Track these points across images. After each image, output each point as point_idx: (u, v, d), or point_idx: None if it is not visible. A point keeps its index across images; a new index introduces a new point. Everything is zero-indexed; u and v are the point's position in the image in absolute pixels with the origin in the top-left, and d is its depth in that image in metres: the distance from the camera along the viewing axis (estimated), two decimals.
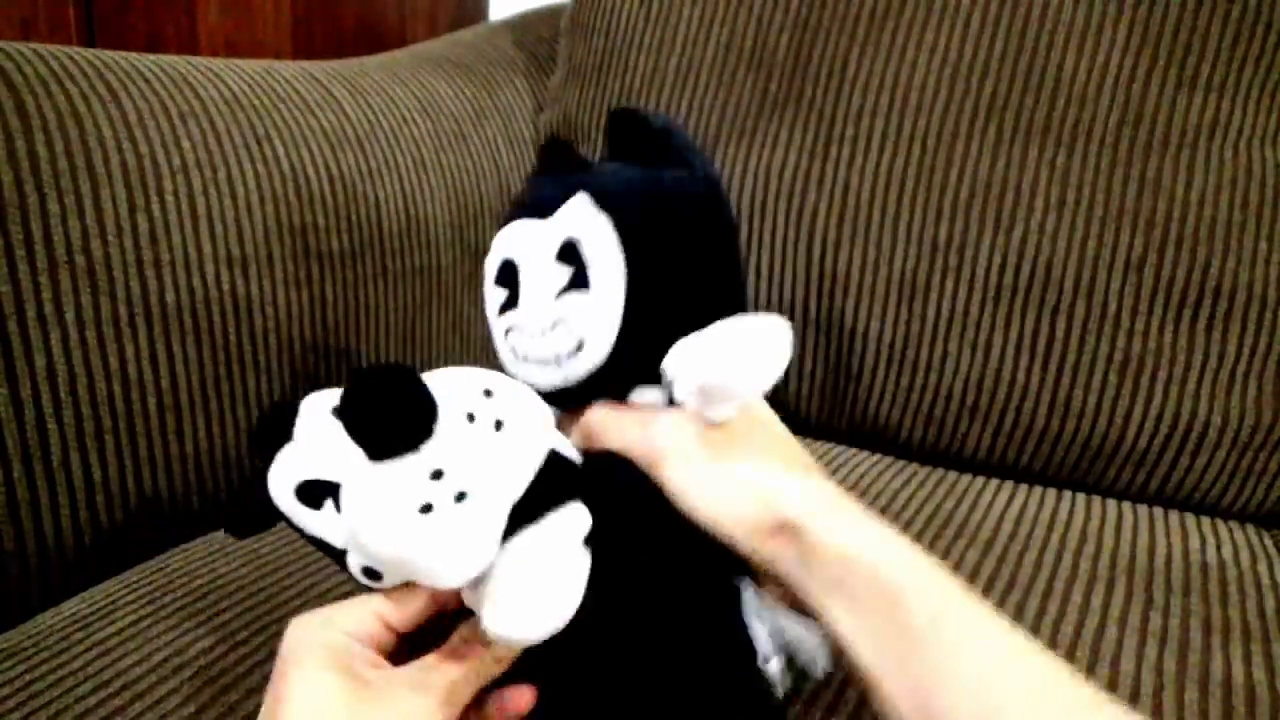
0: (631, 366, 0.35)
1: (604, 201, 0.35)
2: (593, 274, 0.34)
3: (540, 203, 0.37)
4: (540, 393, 0.36)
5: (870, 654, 0.29)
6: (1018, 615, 0.47)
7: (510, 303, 0.36)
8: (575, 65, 0.83)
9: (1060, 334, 0.64)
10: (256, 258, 0.60)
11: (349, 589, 0.48)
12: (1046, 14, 0.66)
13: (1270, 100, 0.63)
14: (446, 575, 0.30)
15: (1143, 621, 0.47)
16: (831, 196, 0.70)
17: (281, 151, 0.63)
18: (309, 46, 1.16)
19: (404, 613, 0.32)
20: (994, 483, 0.65)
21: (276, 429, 0.34)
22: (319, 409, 0.33)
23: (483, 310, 0.39)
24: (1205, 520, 0.61)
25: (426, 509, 0.29)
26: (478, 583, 0.31)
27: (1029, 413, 0.65)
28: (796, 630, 0.36)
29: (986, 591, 0.49)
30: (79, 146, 0.52)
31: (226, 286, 0.58)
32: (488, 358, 0.82)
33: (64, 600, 0.49)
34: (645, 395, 0.37)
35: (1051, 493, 0.64)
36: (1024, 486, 0.65)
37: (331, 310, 0.65)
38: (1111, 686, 0.42)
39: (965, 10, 0.68)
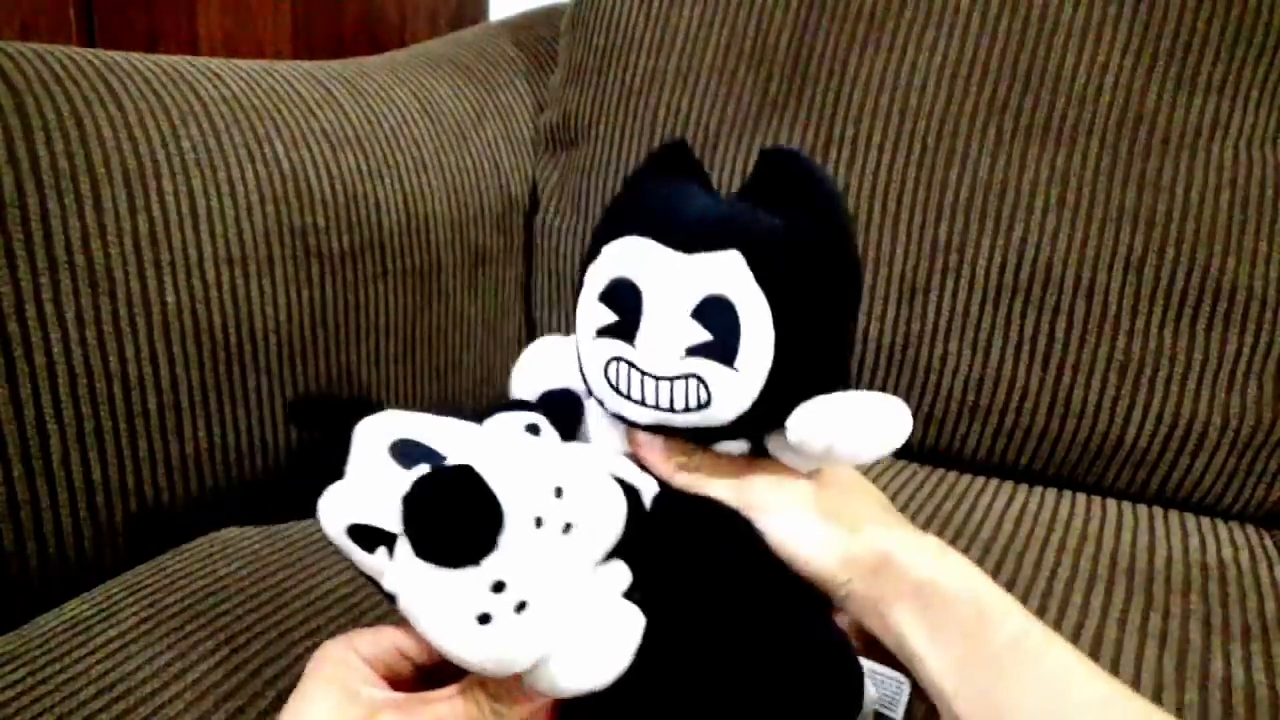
0: (746, 430, 0.35)
1: (758, 266, 0.32)
2: (742, 350, 0.32)
3: (674, 228, 0.34)
4: (624, 419, 0.35)
5: (957, 683, 0.31)
6: None
7: (620, 332, 0.33)
8: (575, 65, 0.83)
9: (1060, 334, 0.64)
10: (256, 258, 0.60)
11: (348, 591, 0.48)
12: (1046, 14, 0.66)
13: (1270, 100, 0.63)
14: (501, 674, 0.29)
15: (1143, 621, 0.47)
16: None
17: (281, 151, 0.63)
18: (309, 46, 1.16)
19: (419, 648, 0.32)
20: (994, 483, 0.65)
21: (327, 456, 0.33)
22: (372, 443, 0.32)
23: (483, 311, 0.39)
24: (1205, 520, 0.61)
25: (484, 619, 0.28)
26: None
27: (1029, 413, 0.65)
28: (876, 668, 0.37)
29: None
30: (79, 147, 0.52)
31: (226, 286, 0.58)
32: (488, 357, 0.82)
33: (64, 601, 0.49)
34: (728, 444, 0.37)
35: (1051, 493, 0.64)
36: (1024, 486, 0.65)
37: (331, 310, 0.65)
38: None
39: (965, 10, 0.68)
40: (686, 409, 0.33)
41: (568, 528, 0.30)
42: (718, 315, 0.32)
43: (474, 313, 0.79)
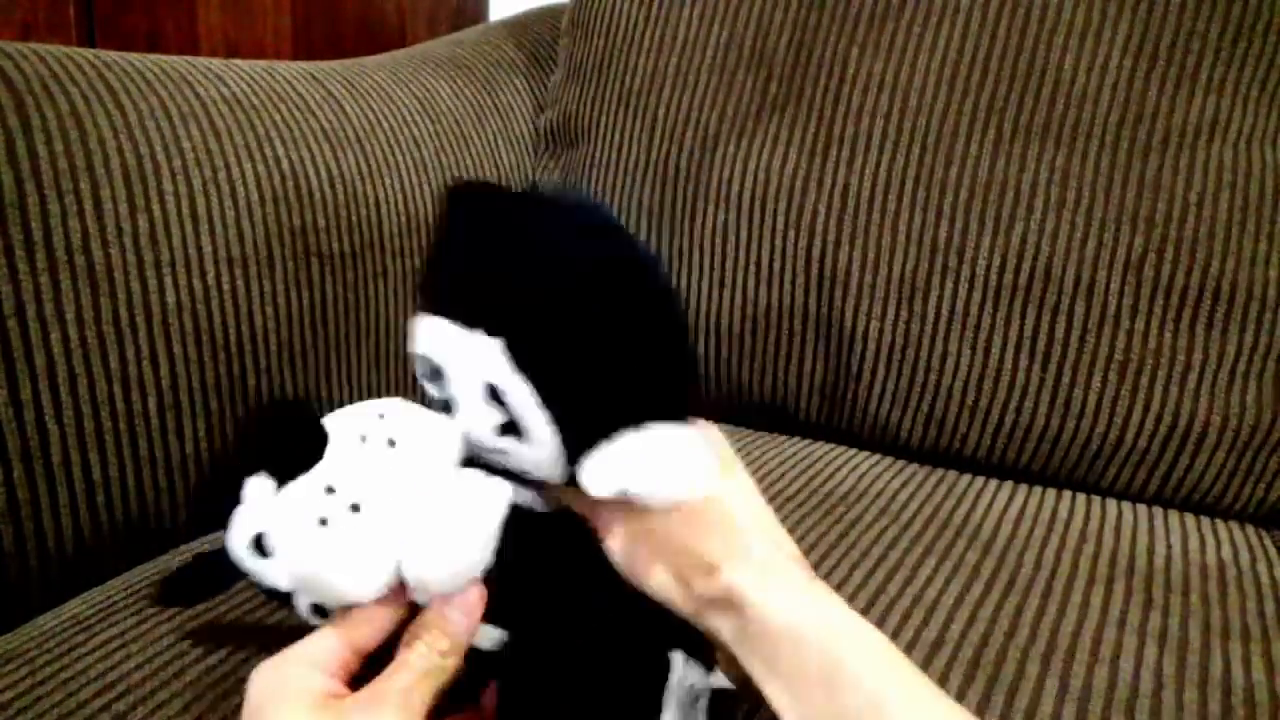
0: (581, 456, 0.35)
1: (516, 352, 0.32)
2: (525, 430, 0.33)
3: (454, 303, 0.34)
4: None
5: None
6: (1017, 615, 0.47)
7: (447, 408, 0.35)
8: (575, 65, 0.83)
9: (1060, 334, 0.64)
10: (256, 258, 0.60)
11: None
12: (1046, 14, 0.66)
13: (1270, 100, 0.63)
14: (353, 583, 0.32)
15: (1142, 621, 0.47)
16: (831, 196, 0.70)
17: (281, 151, 0.63)
18: (309, 46, 1.16)
19: (366, 632, 0.32)
20: (994, 483, 0.65)
21: (226, 499, 0.36)
22: (264, 478, 0.35)
23: None
24: (1205, 520, 0.61)
25: (323, 522, 0.31)
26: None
27: (1029, 413, 0.65)
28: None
29: (987, 591, 0.49)
30: (79, 146, 0.52)
31: (226, 286, 0.58)
32: None
33: (64, 601, 0.49)
34: None
35: (1051, 493, 0.64)
36: (1024, 486, 0.65)
37: (331, 310, 0.65)
38: (1111, 686, 0.42)
39: (965, 10, 0.68)
40: (517, 471, 0.35)
41: (391, 443, 0.33)
42: (502, 399, 0.33)
43: None
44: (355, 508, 0.31)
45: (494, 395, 0.33)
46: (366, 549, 0.31)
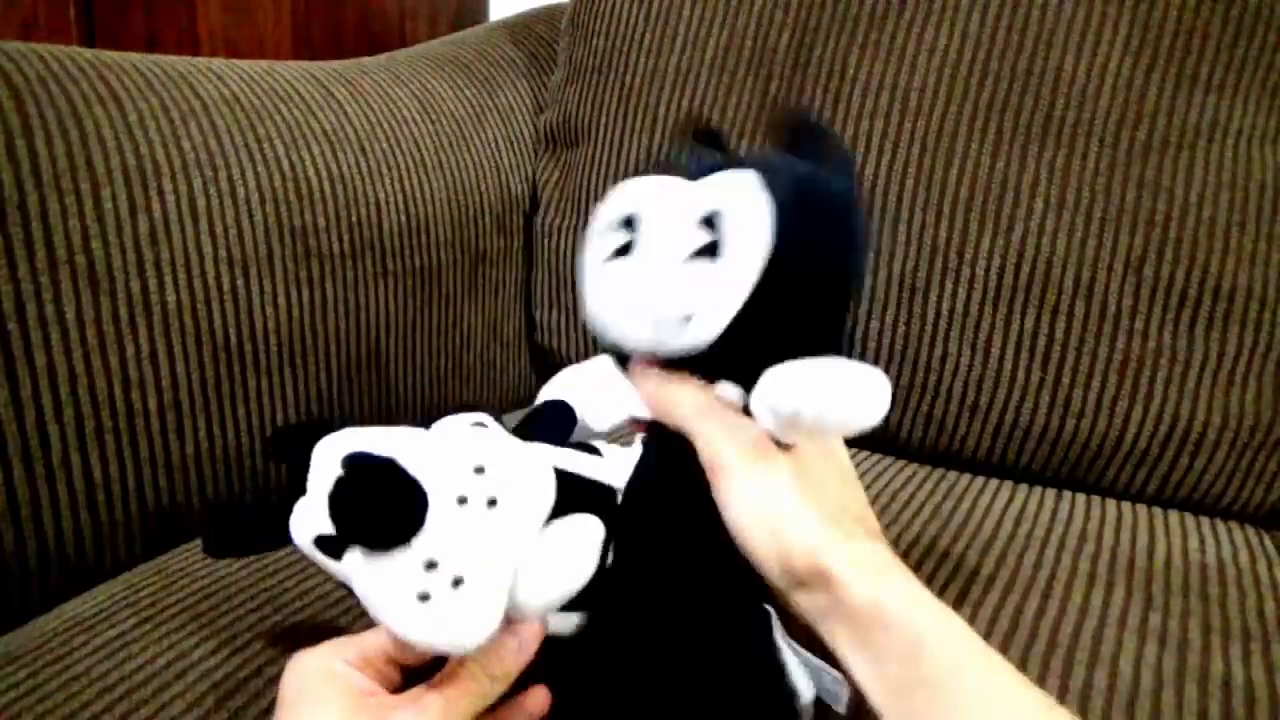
0: (730, 361, 0.34)
1: (773, 186, 0.32)
2: (730, 250, 0.31)
3: (688, 168, 0.35)
4: (625, 349, 0.35)
5: (889, 704, 0.30)
6: (1017, 615, 0.47)
7: (624, 250, 0.33)
8: (575, 65, 0.83)
9: (1060, 334, 0.64)
10: (256, 258, 0.60)
11: (346, 591, 0.48)
12: (1046, 14, 0.66)
13: (1270, 100, 0.63)
14: (452, 651, 0.30)
15: (1142, 621, 0.47)
16: None
17: (281, 151, 0.63)
18: (309, 46, 1.16)
19: (401, 645, 0.32)
20: (994, 483, 0.65)
21: (294, 462, 0.35)
22: (328, 458, 0.34)
23: (483, 311, 0.39)
24: (1205, 520, 0.61)
25: (424, 598, 0.29)
26: None
27: (1029, 413, 0.65)
28: (818, 665, 0.37)
29: (986, 591, 0.49)
30: (79, 146, 0.52)
31: (226, 286, 0.58)
32: (488, 357, 0.82)
33: (64, 601, 0.49)
34: (727, 390, 0.35)
35: (1051, 493, 0.64)
36: (1024, 486, 0.65)
37: (331, 310, 0.65)
38: (1111, 686, 0.42)
39: (965, 10, 0.68)
40: (668, 323, 0.33)
41: (493, 502, 0.31)
42: (718, 224, 0.32)
43: (474, 313, 0.79)
44: (458, 582, 0.30)
45: (707, 224, 0.32)
46: (469, 623, 0.30)
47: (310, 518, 0.33)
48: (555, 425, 0.41)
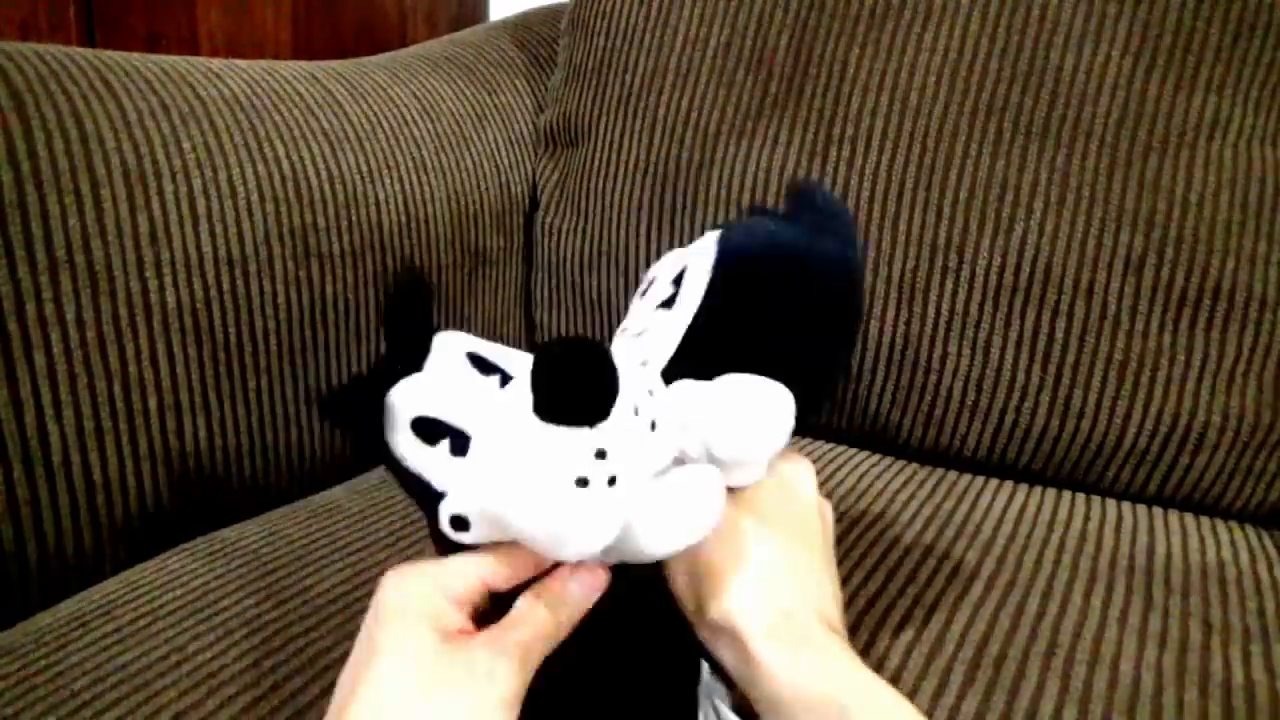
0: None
1: (725, 241, 0.37)
2: (678, 298, 0.37)
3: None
4: None
5: None
6: (1018, 615, 0.47)
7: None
8: (575, 65, 0.83)
9: (1060, 334, 0.64)
10: (256, 258, 0.60)
11: (346, 590, 0.48)
12: (1046, 14, 0.66)
13: (1270, 100, 0.63)
14: (574, 551, 0.30)
15: (1142, 621, 0.47)
16: None
17: (281, 151, 0.63)
18: (309, 46, 1.16)
19: (507, 575, 0.32)
20: (994, 483, 0.65)
21: (406, 355, 0.34)
22: (453, 349, 0.34)
23: (483, 311, 0.40)
24: (1205, 520, 0.61)
25: (582, 483, 0.29)
26: None
27: (1029, 413, 0.65)
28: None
29: (986, 591, 0.49)
30: (79, 146, 0.52)
31: (226, 287, 0.58)
32: None
33: (64, 600, 0.49)
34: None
35: (1051, 493, 0.64)
36: (1024, 486, 0.65)
37: (331, 310, 0.65)
38: (1111, 686, 0.42)
39: (965, 10, 0.68)
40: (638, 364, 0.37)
41: (653, 425, 0.32)
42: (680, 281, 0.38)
43: (474, 313, 0.79)
44: (613, 480, 0.30)
45: (678, 280, 0.38)
46: (609, 522, 0.30)
47: (421, 396, 0.33)
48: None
